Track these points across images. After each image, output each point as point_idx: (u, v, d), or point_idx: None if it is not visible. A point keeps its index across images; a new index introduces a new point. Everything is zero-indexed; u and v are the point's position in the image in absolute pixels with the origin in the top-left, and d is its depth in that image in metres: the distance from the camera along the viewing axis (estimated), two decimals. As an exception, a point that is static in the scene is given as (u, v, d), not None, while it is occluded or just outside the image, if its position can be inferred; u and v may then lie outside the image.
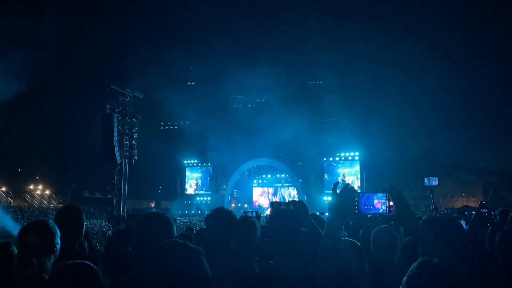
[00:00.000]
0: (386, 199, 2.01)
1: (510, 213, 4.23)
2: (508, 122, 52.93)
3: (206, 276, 1.31)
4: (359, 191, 2.04)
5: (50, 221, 2.55)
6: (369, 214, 2.05)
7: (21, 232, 2.43)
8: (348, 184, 2.00)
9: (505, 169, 50.27)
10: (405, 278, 1.52)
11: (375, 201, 2.02)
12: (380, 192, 2.03)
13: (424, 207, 32.75)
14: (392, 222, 3.60)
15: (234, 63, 44.39)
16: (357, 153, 42.41)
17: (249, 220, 2.77)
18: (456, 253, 1.75)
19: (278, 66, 45.05)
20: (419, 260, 1.54)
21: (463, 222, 5.84)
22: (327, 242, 1.93)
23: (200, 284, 1.29)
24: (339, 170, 42.68)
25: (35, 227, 2.46)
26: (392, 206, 1.99)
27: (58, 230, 2.52)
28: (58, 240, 2.49)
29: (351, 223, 4.88)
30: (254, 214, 5.20)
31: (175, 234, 2.23)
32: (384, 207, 2.00)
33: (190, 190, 48.75)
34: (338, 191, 2.01)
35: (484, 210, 5.10)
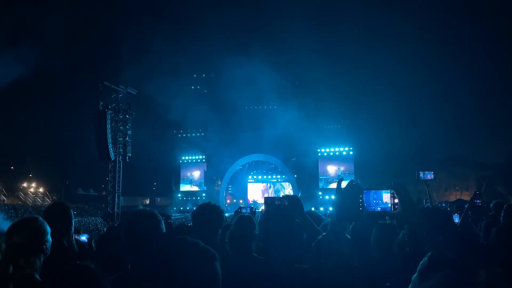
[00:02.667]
0: (391, 196, 1.96)
1: (505, 206, 4.22)
2: (500, 116, 53.33)
3: (217, 281, 1.22)
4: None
5: (40, 218, 2.46)
6: (376, 209, 1.99)
7: (8, 231, 2.34)
8: (353, 180, 1.96)
9: (498, 163, 50.67)
10: (415, 274, 1.50)
11: (384, 195, 1.98)
12: (385, 189, 1.99)
13: (418, 201, 32.92)
14: (387, 218, 3.57)
15: (228, 59, 44.21)
16: (351, 148, 42.55)
17: (247, 220, 2.72)
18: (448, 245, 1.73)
19: (272, 62, 45.02)
20: (430, 253, 1.51)
21: (456, 216, 5.85)
22: (332, 239, 1.90)
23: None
24: (333, 166, 42.80)
25: (22, 226, 2.38)
26: (396, 203, 1.94)
27: (48, 227, 2.44)
28: (48, 237, 2.41)
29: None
30: (248, 210, 5.15)
31: (164, 231, 2.19)
32: (391, 203, 1.95)
33: (185, 186, 48.70)
34: (344, 184, 1.98)
35: (478, 201, 5.07)
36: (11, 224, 2.42)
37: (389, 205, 1.97)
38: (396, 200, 1.93)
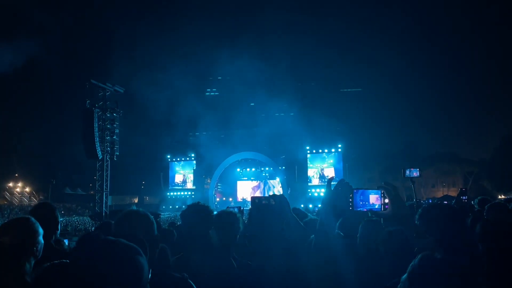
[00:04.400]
0: (381, 196, 1.94)
1: (488, 204, 4.30)
2: (486, 114, 54.12)
3: (138, 277, 1.22)
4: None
5: (32, 219, 2.39)
6: (363, 210, 1.98)
7: None
8: (343, 180, 1.94)
9: (484, 159, 51.42)
10: (405, 275, 1.49)
11: (371, 196, 1.96)
12: (375, 189, 1.97)
13: (406, 197, 33.21)
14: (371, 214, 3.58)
15: (217, 56, 44.12)
16: (339, 145, 42.77)
17: (230, 215, 2.73)
18: (447, 245, 1.73)
19: (262, 59, 44.99)
20: (421, 254, 1.51)
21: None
22: (320, 237, 1.89)
23: (131, 284, 1.20)
24: (318, 164, 42.98)
25: (12, 226, 2.30)
26: (387, 203, 1.92)
27: (40, 228, 2.37)
28: (40, 239, 2.34)
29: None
30: (236, 209, 5.12)
31: (156, 233, 2.13)
32: (379, 203, 1.93)
33: (174, 185, 48.46)
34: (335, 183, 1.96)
35: (464, 197, 5.15)
36: (1, 224, 2.36)
37: (376, 206, 1.96)
38: (387, 200, 1.92)
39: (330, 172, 41.90)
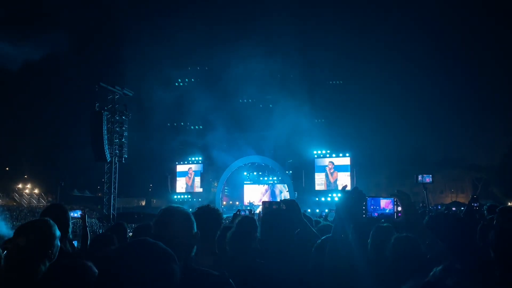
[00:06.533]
0: (394, 204, 1.96)
1: (497, 209, 4.27)
2: (495, 119, 53.63)
3: (170, 285, 1.20)
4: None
5: (50, 221, 2.36)
6: (374, 215, 1.99)
7: (16, 232, 2.26)
8: (357, 188, 1.96)
9: (493, 165, 50.86)
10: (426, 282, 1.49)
11: (382, 201, 1.98)
12: (388, 197, 1.99)
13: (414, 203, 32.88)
14: (382, 220, 3.57)
15: (227, 60, 44.26)
16: (347, 151, 42.63)
17: (250, 221, 2.74)
18: (456, 251, 1.73)
19: (270, 64, 45.02)
20: (443, 265, 1.50)
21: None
22: (336, 243, 1.90)
23: None
24: (326, 167, 42.84)
25: (29, 228, 2.28)
26: (400, 211, 1.94)
27: (57, 231, 2.35)
28: (56, 242, 2.32)
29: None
30: (247, 212, 5.10)
31: (195, 231, 2.07)
32: (391, 207, 1.95)
33: (181, 188, 48.62)
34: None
35: (475, 204, 5.13)
36: (19, 226, 2.35)
37: (387, 211, 1.97)
38: (400, 208, 1.93)
39: (340, 178, 41.76)
